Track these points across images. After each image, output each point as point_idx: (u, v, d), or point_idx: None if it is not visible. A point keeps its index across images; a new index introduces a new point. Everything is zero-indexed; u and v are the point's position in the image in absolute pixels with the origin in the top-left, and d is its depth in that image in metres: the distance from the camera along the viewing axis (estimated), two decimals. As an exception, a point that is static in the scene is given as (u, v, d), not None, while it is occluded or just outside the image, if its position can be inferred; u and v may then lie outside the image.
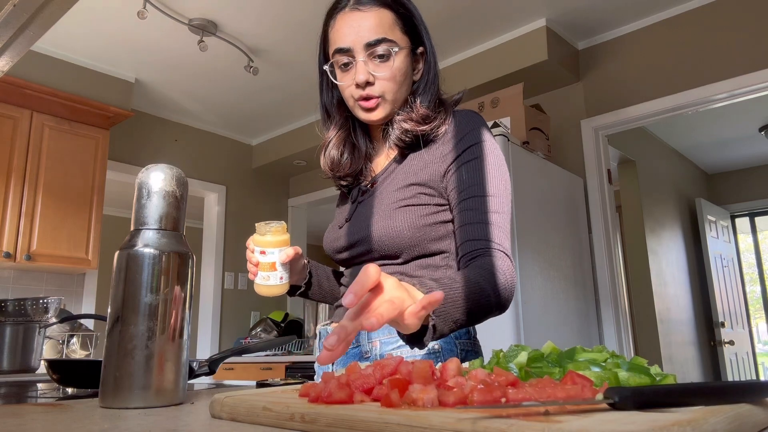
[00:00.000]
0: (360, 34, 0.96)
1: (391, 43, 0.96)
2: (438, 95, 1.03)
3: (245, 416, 0.56)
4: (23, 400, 0.96)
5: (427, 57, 1.02)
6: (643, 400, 0.43)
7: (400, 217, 0.95)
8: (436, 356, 0.95)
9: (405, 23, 0.99)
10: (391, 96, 0.98)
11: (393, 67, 0.96)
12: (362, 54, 0.96)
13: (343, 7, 0.99)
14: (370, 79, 0.96)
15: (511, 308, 2.40)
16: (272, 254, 0.97)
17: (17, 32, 0.97)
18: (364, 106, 0.99)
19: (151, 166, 0.78)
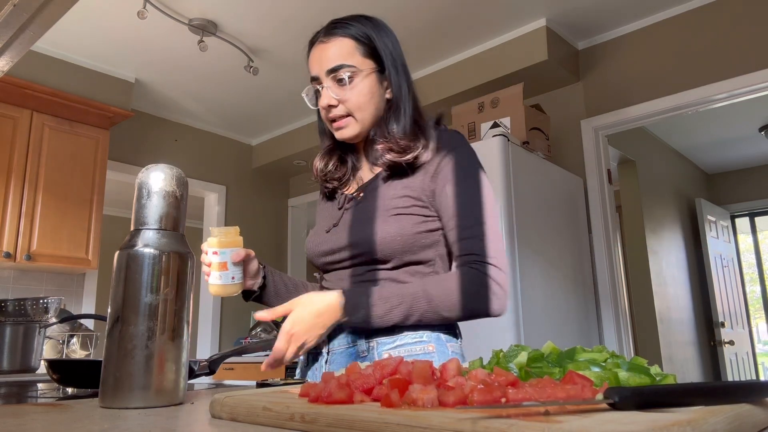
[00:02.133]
0: (322, 62, 1.08)
1: (351, 67, 1.06)
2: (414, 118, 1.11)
3: (245, 416, 0.56)
4: (23, 400, 0.96)
5: (391, 80, 1.10)
6: (643, 400, 0.43)
7: (395, 224, 1.03)
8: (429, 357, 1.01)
9: (366, 48, 1.09)
10: (359, 115, 1.08)
11: (355, 90, 1.07)
12: (327, 80, 1.07)
13: (314, 41, 1.12)
14: (332, 102, 1.07)
15: (511, 308, 2.40)
16: (224, 254, 1.05)
17: (17, 32, 0.97)
18: (333, 126, 1.10)
19: (151, 166, 0.78)
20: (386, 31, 1.15)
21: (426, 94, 3.74)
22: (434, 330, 1.03)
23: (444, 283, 0.98)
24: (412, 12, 3.12)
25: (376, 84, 1.09)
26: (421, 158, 1.06)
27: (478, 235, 1.00)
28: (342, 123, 1.09)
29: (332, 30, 1.10)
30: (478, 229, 1.00)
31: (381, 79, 1.10)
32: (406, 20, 3.19)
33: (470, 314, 0.99)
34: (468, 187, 1.03)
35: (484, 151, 2.62)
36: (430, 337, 1.03)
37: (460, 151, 1.06)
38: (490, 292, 0.97)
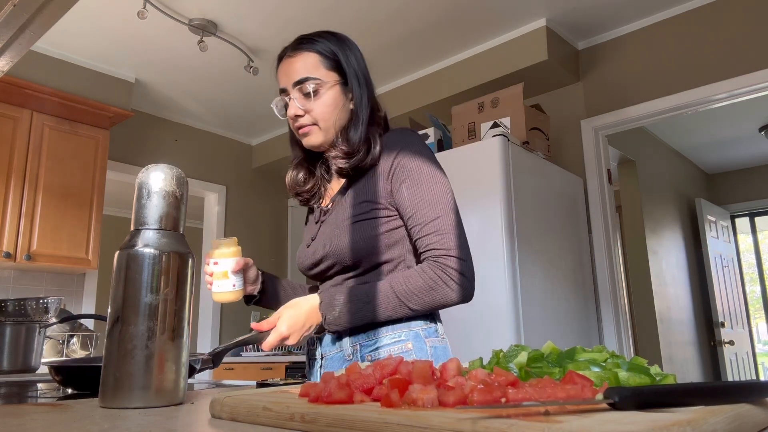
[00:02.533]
0: (290, 75, 1.16)
1: (315, 80, 1.14)
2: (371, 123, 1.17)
3: (245, 416, 0.56)
4: (23, 400, 0.96)
5: (353, 91, 1.17)
6: (643, 400, 0.43)
7: (356, 231, 1.11)
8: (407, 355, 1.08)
9: (330, 62, 1.16)
10: (323, 124, 1.16)
11: (318, 101, 1.14)
12: (294, 92, 1.16)
13: (282, 56, 1.20)
14: (299, 113, 1.15)
15: (511, 308, 2.40)
16: (224, 264, 1.14)
17: (17, 32, 0.97)
18: (300, 133, 1.19)
19: (151, 166, 0.78)
20: (350, 46, 1.20)
21: (426, 94, 3.74)
22: (412, 328, 1.10)
23: (410, 279, 1.05)
24: (412, 12, 3.12)
25: (340, 95, 1.16)
26: (366, 163, 1.13)
27: (437, 230, 1.06)
28: (307, 130, 1.17)
29: (299, 45, 1.17)
30: (437, 224, 1.06)
31: (345, 91, 1.17)
32: (406, 20, 3.19)
33: (437, 305, 1.05)
34: (421, 184, 1.09)
35: (484, 151, 2.62)
36: (408, 336, 1.09)
37: (409, 149, 1.12)
38: (454, 282, 1.03)
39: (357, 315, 1.05)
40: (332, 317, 1.06)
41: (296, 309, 1.06)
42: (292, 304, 1.08)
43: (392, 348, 1.08)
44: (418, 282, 1.04)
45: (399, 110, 3.86)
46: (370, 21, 3.19)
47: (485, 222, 2.54)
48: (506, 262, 2.45)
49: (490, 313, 2.45)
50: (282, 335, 1.04)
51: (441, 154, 2.83)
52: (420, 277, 1.04)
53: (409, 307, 1.05)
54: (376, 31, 3.30)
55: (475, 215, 2.58)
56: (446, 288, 1.03)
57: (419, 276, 1.04)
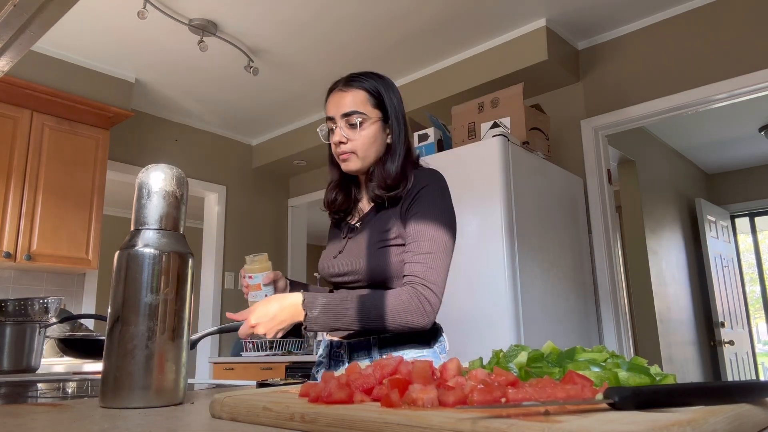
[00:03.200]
0: (339, 107, 1.30)
1: (361, 114, 1.28)
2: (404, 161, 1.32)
3: (245, 416, 0.56)
4: (23, 400, 0.96)
5: (392, 128, 1.32)
6: (643, 400, 0.43)
7: (380, 255, 1.26)
8: None
9: (376, 101, 1.31)
10: (362, 153, 1.30)
11: (361, 133, 1.28)
12: (341, 122, 1.29)
13: (333, 89, 1.34)
14: (343, 140, 1.29)
15: (511, 308, 2.40)
16: (256, 278, 1.29)
17: (17, 32, 0.97)
18: (340, 158, 1.32)
19: (151, 166, 0.78)
20: (393, 89, 1.36)
21: (426, 94, 3.74)
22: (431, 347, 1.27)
23: (389, 298, 1.17)
24: (412, 12, 3.12)
25: (380, 130, 1.31)
26: (402, 194, 1.28)
27: (424, 262, 1.20)
28: (347, 157, 1.30)
29: (350, 82, 1.32)
30: (427, 258, 1.21)
31: (384, 127, 1.32)
32: (406, 20, 3.19)
33: (402, 324, 1.17)
34: (427, 220, 1.24)
35: (484, 151, 2.62)
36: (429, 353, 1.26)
37: (427, 189, 1.27)
38: (422, 308, 1.17)
39: (335, 318, 1.16)
40: (312, 315, 1.15)
41: (271, 303, 1.16)
42: (268, 300, 1.18)
43: None
44: (395, 302, 1.16)
45: (399, 110, 3.85)
46: (371, 21, 3.19)
47: (485, 222, 2.54)
48: (506, 262, 2.45)
49: (490, 313, 2.45)
50: (251, 325, 1.14)
51: (441, 154, 2.83)
52: (398, 298, 1.17)
53: (385, 323, 1.16)
54: (376, 32, 3.30)
55: (475, 215, 2.58)
56: (414, 314, 1.16)
57: (397, 297, 1.17)
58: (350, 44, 3.43)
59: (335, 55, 3.54)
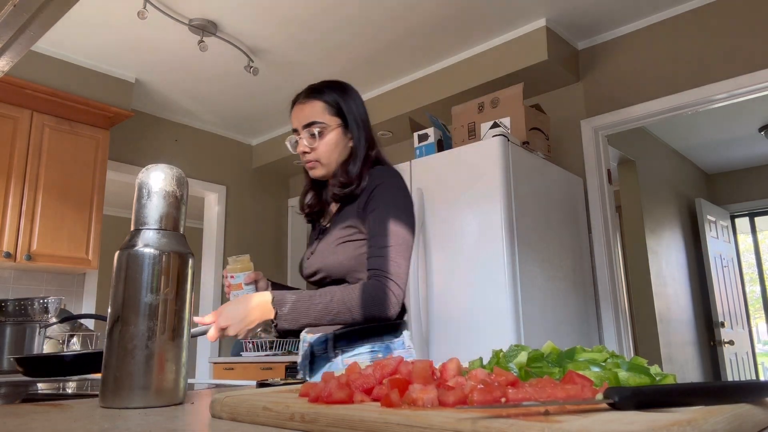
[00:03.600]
0: (299, 119, 1.39)
1: (320, 124, 1.36)
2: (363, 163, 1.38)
3: (245, 416, 0.56)
4: (23, 400, 0.96)
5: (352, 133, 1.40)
6: (643, 400, 0.44)
7: (342, 251, 1.33)
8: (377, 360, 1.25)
9: (334, 109, 1.39)
10: (325, 160, 1.38)
11: (322, 141, 1.36)
12: (303, 132, 1.38)
13: (295, 102, 1.43)
14: (306, 150, 1.38)
15: (511, 308, 2.40)
16: (238, 277, 1.34)
17: (17, 32, 0.97)
18: (306, 167, 1.41)
19: (151, 166, 0.78)
20: (352, 95, 1.44)
21: (426, 94, 3.74)
22: (384, 341, 1.32)
23: (354, 290, 1.23)
24: (412, 12, 3.12)
25: (342, 136, 1.39)
26: (356, 192, 1.34)
27: (385, 255, 1.26)
28: (312, 165, 1.39)
29: (309, 94, 1.40)
30: (385, 251, 1.26)
31: (345, 132, 1.39)
32: (406, 20, 3.19)
33: (368, 315, 1.22)
34: (387, 216, 1.29)
35: (484, 151, 2.62)
36: (380, 348, 1.31)
37: (382, 187, 1.33)
38: (387, 300, 1.23)
39: (304, 314, 1.20)
40: (282, 313, 1.19)
41: (240, 303, 1.19)
42: (237, 300, 1.21)
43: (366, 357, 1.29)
44: (361, 295, 1.22)
45: (399, 110, 3.86)
46: (371, 21, 3.19)
47: (485, 222, 2.54)
48: (506, 262, 2.45)
49: (490, 313, 2.45)
50: (220, 326, 1.16)
51: (441, 154, 2.83)
52: (363, 291, 1.23)
53: (353, 315, 1.22)
54: (376, 31, 3.30)
55: (475, 215, 2.58)
56: (380, 305, 1.22)
57: (362, 290, 1.23)
58: (350, 44, 3.43)
59: (335, 55, 3.54)
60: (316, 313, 1.21)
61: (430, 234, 2.72)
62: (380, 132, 4.15)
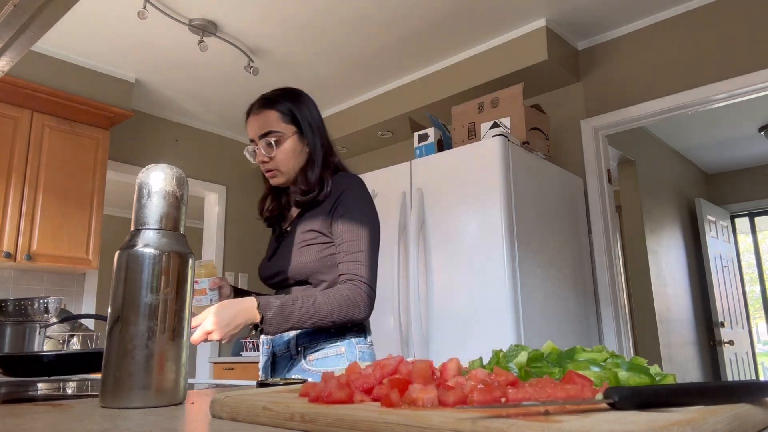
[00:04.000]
0: (255, 129, 1.42)
1: (276, 133, 1.39)
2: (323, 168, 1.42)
3: (245, 416, 0.56)
4: (23, 400, 0.96)
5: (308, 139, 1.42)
6: (643, 400, 0.44)
7: (303, 253, 1.36)
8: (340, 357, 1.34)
9: (288, 117, 1.41)
10: (284, 168, 1.41)
11: (279, 150, 1.39)
12: (260, 143, 1.41)
13: (249, 112, 1.45)
14: (265, 160, 1.41)
15: (511, 308, 2.40)
16: (203, 282, 1.36)
17: (17, 32, 0.97)
18: (267, 176, 1.44)
19: (151, 166, 0.78)
20: (305, 101, 1.45)
21: (426, 94, 3.74)
22: (346, 337, 1.35)
23: (333, 294, 1.28)
24: (412, 12, 3.12)
25: (298, 143, 1.41)
26: (319, 198, 1.38)
27: (357, 261, 1.31)
28: (272, 174, 1.42)
29: (262, 104, 1.42)
30: (358, 256, 1.32)
31: (302, 139, 1.42)
32: (406, 20, 3.19)
33: (345, 318, 1.27)
34: (353, 222, 1.34)
35: (484, 151, 2.62)
36: (342, 342, 1.35)
37: (348, 194, 1.37)
38: (363, 303, 1.29)
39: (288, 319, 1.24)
40: (267, 317, 1.22)
41: (226, 308, 1.21)
42: (223, 304, 1.23)
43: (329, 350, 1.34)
44: (338, 299, 1.27)
45: (399, 110, 3.86)
46: (370, 21, 3.19)
47: (485, 222, 2.54)
48: (506, 262, 2.45)
49: (490, 313, 2.45)
50: (206, 331, 1.19)
51: (441, 154, 2.83)
52: (340, 295, 1.28)
53: (333, 319, 1.27)
54: (376, 31, 3.30)
55: (475, 215, 2.58)
56: (357, 308, 1.28)
57: (339, 295, 1.28)
58: (350, 44, 3.43)
59: (335, 54, 3.54)
60: (299, 317, 1.25)
61: (430, 234, 2.72)
62: (380, 132, 4.15)
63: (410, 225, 2.76)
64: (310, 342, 1.35)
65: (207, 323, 1.18)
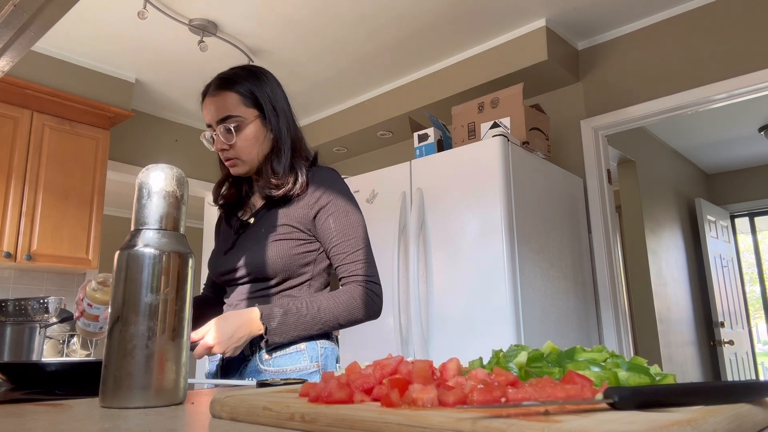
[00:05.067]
0: (212, 113, 1.28)
1: (236, 118, 1.25)
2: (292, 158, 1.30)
3: (245, 416, 0.56)
4: (23, 400, 0.96)
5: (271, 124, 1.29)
6: (643, 400, 0.44)
7: (275, 248, 1.24)
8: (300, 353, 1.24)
9: (249, 100, 1.27)
10: (246, 157, 1.28)
11: (240, 136, 1.26)
12: (218, 128, 1.26)
13: (205, 93, 1.32)
14: (224, 147, 1.27)
15: (511, 308, 2.40)
16: (98, 309, 1.14)
17: (18, 32, 0.97)
18: (227, 165, 1.30)
19: (152, 166, 0.78)
20: (267, 81, 1.32)
21: (426, 94, 3.74)
22: None
23: (339, 297, 1.22)
24: (412, 12, 3.12)
25: (261, 128, 1.28)
26: (294, 192, 1.26)
27: (359, 260, 1.25)
28: (233, 163, 1.29)
29: (220, 85, 1.29)
30: (358, 254, 1.25)
31: (265, 124, 1.29)
32: (406, 20, 3.19)
33: (356, 320, 1.23)
34: (347, 219, 1.26)
35: (484, 151, 2.62)
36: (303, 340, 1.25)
37: (335, 188, 1.28)
38: (372, 302, 1.24)
39: (294, 327, 1.18)
40: (271, 328, 1.16)
41: (227, 321, 1.15)
42: (225, 317, 1.16)
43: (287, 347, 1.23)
44: (349, 302, 1.21)
45: (399, 110, 3.86)
46: (370, 21, 3.19)
47: (485, 222, 2.54)
48: (506, 262, 2.45)
49: (490, 313, 2.45)
50: (207, 346, 1.12)
51: (441, 154, 2.83)
52: (351, 298, 1.22)
53: (339, 322, 1.21)
54: (376, 31, 3.30)
55: (475, 215, 2.58)
56: (370, 310, 1.23)
57: (350, 297, 1.22)
58: (350, 44, 3.43)
59: (335, 55, 3.54)
60: (305, 325, 1.19)
61: (430, 234, 2.72)
62: (380, 132, 4.15)
63: (410, 225, 2.76)
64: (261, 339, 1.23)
65: (208, 338, 1.12)
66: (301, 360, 1.23)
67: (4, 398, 0.80)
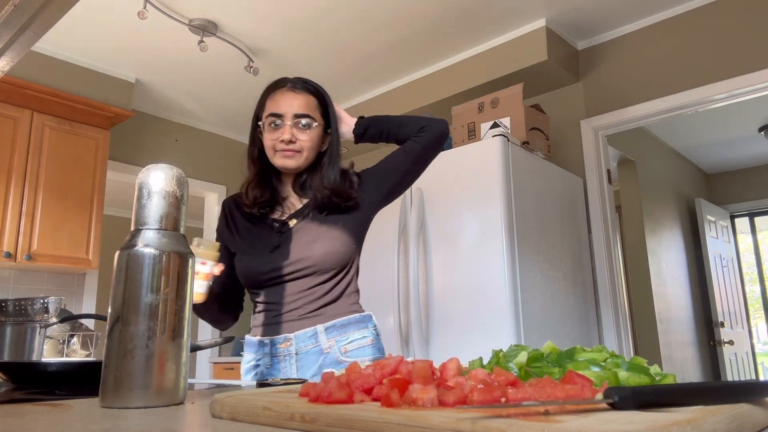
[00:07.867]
0: (292, 106, 1.36)
1: (312, 118, 1.37)
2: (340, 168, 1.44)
3: (245, 416, 0.56)
4: (23, 400, 0.96)
5: (331, 137, 1.42)
6: (643, 400, 0.44)
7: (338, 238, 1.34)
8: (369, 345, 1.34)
9: (323, 109, 1.41)
10: (306, 153, 1.37)
11: (309, 134, 1.36)
12: (290, 120, 1.35)
13: (282, 86, 1.40)
14: (293, 139, 1.35)
15: (511, 308, 2.40)
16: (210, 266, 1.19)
17: (18, 32, 0.97)
18: (284, 154, 1.36)
19: (152, 166, 0.78)
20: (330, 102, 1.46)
21: (426, 94, 3.74)
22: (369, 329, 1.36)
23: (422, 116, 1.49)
24: (412, 12, 3.12)
25: (321, 136, 1.40)
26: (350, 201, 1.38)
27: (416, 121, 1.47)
28: (291, 154, 1.36)
29: (304, 85, 1.40)
30: None
31: (325, 135, 1.42)
32: (406, 20, 3.19)
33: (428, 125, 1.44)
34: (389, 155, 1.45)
35: (484, 151, 2.62)
36: (370, 334, 1.36)
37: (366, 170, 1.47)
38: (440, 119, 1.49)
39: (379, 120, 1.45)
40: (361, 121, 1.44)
41: None
42: None
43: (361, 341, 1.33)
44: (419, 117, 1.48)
45: (399, 110, 3.86)
46: (370, 21, 3.19)
47: (485, 222, 2.54)
48: (506, 262, 2.45)
49: (490, 313, 2.45)
50: None
51: (441, 154, 2.81)
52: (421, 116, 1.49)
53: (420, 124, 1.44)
54: (376, 31, 3.30)
55: (475, 215, 2.58)
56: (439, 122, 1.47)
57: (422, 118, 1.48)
58: (350, 44, 3.43)
59: (335, 54, 3.55)
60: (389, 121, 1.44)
61: (430, 234, 2.72)
62: (380, 132, 4.15)
63: (410, 225, 2.76)
64: (340, 334, 1.32)
65: None
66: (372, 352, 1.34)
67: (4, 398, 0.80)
